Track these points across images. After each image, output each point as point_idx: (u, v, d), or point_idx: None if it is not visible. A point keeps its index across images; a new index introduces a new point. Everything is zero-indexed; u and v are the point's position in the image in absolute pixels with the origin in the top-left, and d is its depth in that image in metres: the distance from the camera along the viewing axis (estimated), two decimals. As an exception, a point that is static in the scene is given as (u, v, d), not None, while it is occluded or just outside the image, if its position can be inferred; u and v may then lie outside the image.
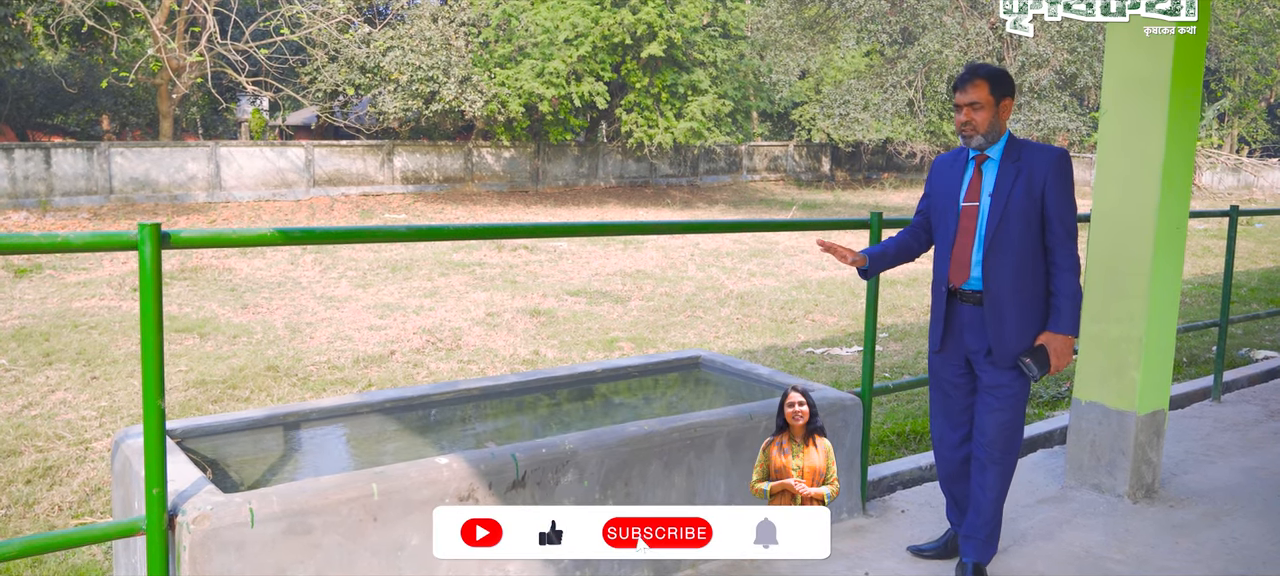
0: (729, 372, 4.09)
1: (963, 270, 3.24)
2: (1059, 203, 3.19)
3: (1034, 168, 3.18)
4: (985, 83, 3.17)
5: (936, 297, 3.36)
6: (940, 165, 3.42)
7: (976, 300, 3.23)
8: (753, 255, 15.42)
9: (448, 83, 23.39)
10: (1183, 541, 3.85)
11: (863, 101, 23.96)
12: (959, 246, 3.24)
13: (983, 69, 3.22)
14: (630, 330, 9.45)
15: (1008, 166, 3.20)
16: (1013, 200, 3.16)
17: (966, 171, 3.29)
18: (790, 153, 35.02)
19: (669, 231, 3.53)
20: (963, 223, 3.24)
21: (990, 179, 3.22)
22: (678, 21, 25.35)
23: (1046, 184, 3.18)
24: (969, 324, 3.26)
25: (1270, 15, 35.89)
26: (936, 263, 3.35)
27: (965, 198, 3.25)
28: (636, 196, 28.22)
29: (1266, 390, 6.46)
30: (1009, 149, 3.23)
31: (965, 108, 3.20)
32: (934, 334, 3.37)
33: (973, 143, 3.22)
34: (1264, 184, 44.13)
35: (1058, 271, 3.20)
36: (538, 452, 2.80)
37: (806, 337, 9.50)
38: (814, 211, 26.45)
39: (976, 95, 3.18)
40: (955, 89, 3.22)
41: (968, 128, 3.20)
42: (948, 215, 3.29)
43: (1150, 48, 3.95)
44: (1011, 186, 3.17)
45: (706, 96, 26.54)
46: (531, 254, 14.61)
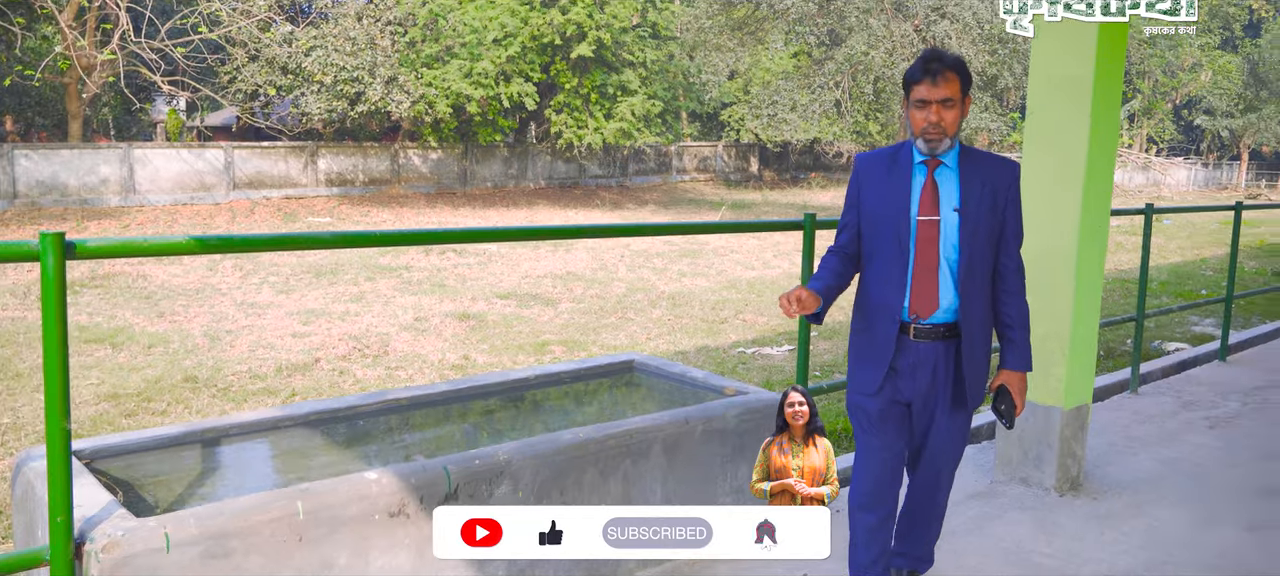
0: (663, 376, 4.06)
1: (928, 299, 2.72)
2: (1018, 220, 2.84)
3: (997, 180, 2.77)
4: (957, 76, 2.68)
5: (876, 330, 2.79)
6: (871, 169, 2.84)
7: (943, 335, 2.74)
8: (683, 255, 15.46)
9: (373, 83, 22.96)
10: (1108, 532, 3.94)
11: (790, 102, 24.25)
12: (921, 269, 2.72)
13: (953, 58, 2.70)
14: (561, 333, 9.37)
15: (971, 176, 2.75)
16: (981, 216, 2.73)
17: (915, 179, 2.75)
18: (719, 153, 35.27)
19: (604, 235, 3.48)
20: (921, 241, 2.71)
21: (952, 189, 2.73)
22: (607, 22, 25.32)
23: (1008, 199, 2.79)
24: (924, 363, 2.75)
25: (1175, 20, 37.31)
26: (873, 287, 2.80)
27: (920, 209, 2.72)
28: (566, 197, 28.09)
29: (1179, 381, 6.68)
30: (964, 155, 2.78)
31: (935, 105, 2.66)
32: (868, 374, 2.80)
33: (940, 147, 2.71)
34: (1171, 182, 45.96)
35: (1012, 298, 2.82)
36: (470, 464, 2.72)
37: (737, 338, 9.54)
38: (743, 211, 26.66)
39: (950, 90, 2.66)
40: (917, 81, 2.68)
41: (936, 130, 2.67)
42: (896, 231, 2.73)
43: (1075, 49, 4.03)
44: (980, 200, 2.73)
45: (636, 97, 26.55)
46: (460, 256, 14.41)
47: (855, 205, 2.86)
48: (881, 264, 2.76)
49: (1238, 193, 45.10)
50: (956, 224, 2.71)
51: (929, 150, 2.72)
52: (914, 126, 2.72)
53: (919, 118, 2.70)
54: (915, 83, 2.69)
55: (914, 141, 2.76)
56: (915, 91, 2.69)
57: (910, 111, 2.73)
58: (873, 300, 2.80)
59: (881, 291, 2.77)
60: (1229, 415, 5.80)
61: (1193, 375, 6.87)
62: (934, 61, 2.67)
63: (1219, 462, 4.91)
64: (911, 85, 2.71)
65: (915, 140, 2.74)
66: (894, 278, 2.73)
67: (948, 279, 2.73)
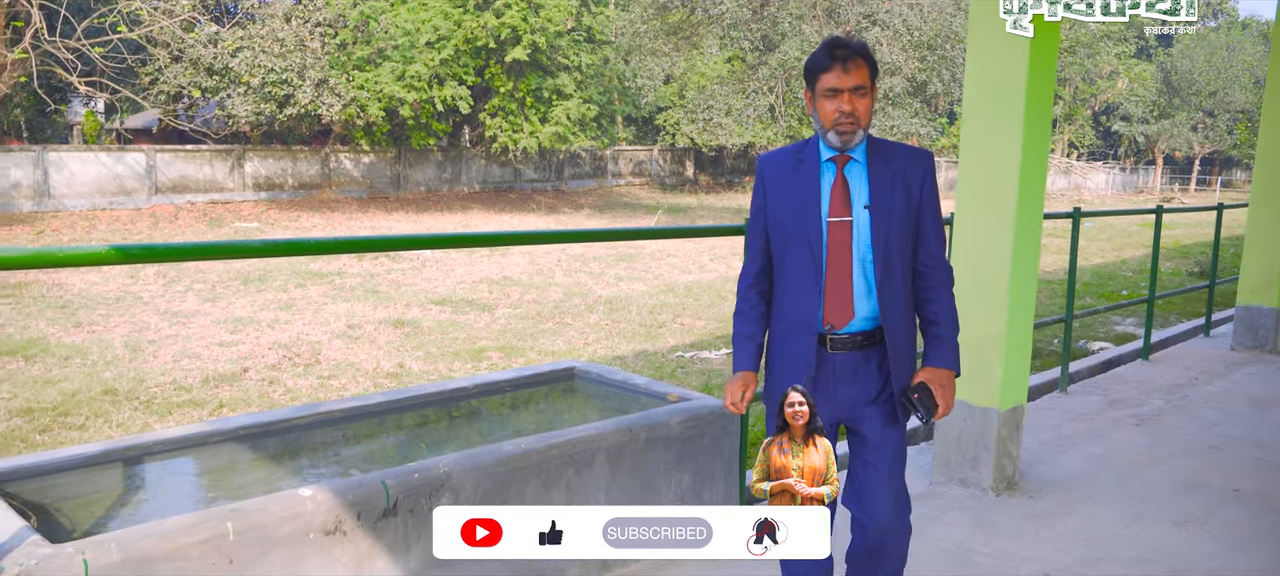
0: (605, 383, 4.01)
1: (843, 307, 2.50)
2: (935, 212, 2.61)
3: (909, 170, 2.55)
4: (866, 62, 2.47)
5: (793, 345, 2.55)
6: (776, 171, 2.61)
7: (862, 344, 2.53)
8: (620, 260, 15.42)
9: (303, 85, 22.48)
10: (1043, 530, 4.01)
11: (725, 106, 24.42)
12: (834, 275, 2.50)
13: (859, 43, 2.50)
14: (498, 339, 9.26)
15: (881, 169, 2.53)
16: (895, 211, 2.51)
17: (823, 176, 2.53)
18: (655, 157, 35.36)
19: (546, 241, 3.41)
20: (833, 244, 2.50)
21: (861, 185, 2.52)
22: (542, 25, 25.19)
23: (923, 190, 2.57)
24: (846, 374, 2.54)
25: (1095, 29, 38.69)
26: (786, 298, 2.57)
27: (830, 210, 2.51)
28: (501, 202, 27.87)
29: (1105, 380, 6.86)
30: (872, 148, 2.55)
31: (847, 94, 2.44)
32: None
33: (853, 141, 2.48)
34: (1091, 186, 47.51)
35: (937, 293, 2.60)
36: (409, 478, 2.63)
37: (676, 342, 9.53)
38: (679, 215, 26.75)
39: (860, 77, 2.44)
40: (825, 69, 2.45)
41: (849, 121, 2.44)
42: (806, 236, 2.51)
43: (1008, 57, 4.10)
44: (891, 194, 2.51)
45: (571, 101, 26.47)
46: (394, 261, 14.17)
47: (762, 211, 2.61)
48: (793, 272, 2.54)
49: (1153, 195, 46.81)
50: (868, 223, 2.50)
51: (841, 144, 2.47)
52: (823, 120, 2.48)
53: (829, 109, 2.45)
54: (822, 71, 2.45)
55: (823, 136, 2.51)
56: (823, 81, 2.45)
57: (818, 104, 2.49)
58: (786, 312, 2.58)
59: (794, 302, 2.54)
60: (1153, 412, 5.97)
61: (1118, 374, 7.06)
62: (840, 48, 2.45)
63: (1145, 459, 5.04)
64: (818, 75, 2.47)
65: (825, 134, 2.49)
66: (806, 286, 2.51)
67: (863, 284, 2.51)
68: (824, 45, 2.48)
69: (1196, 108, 49.46)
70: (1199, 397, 6.37)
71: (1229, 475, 4.81)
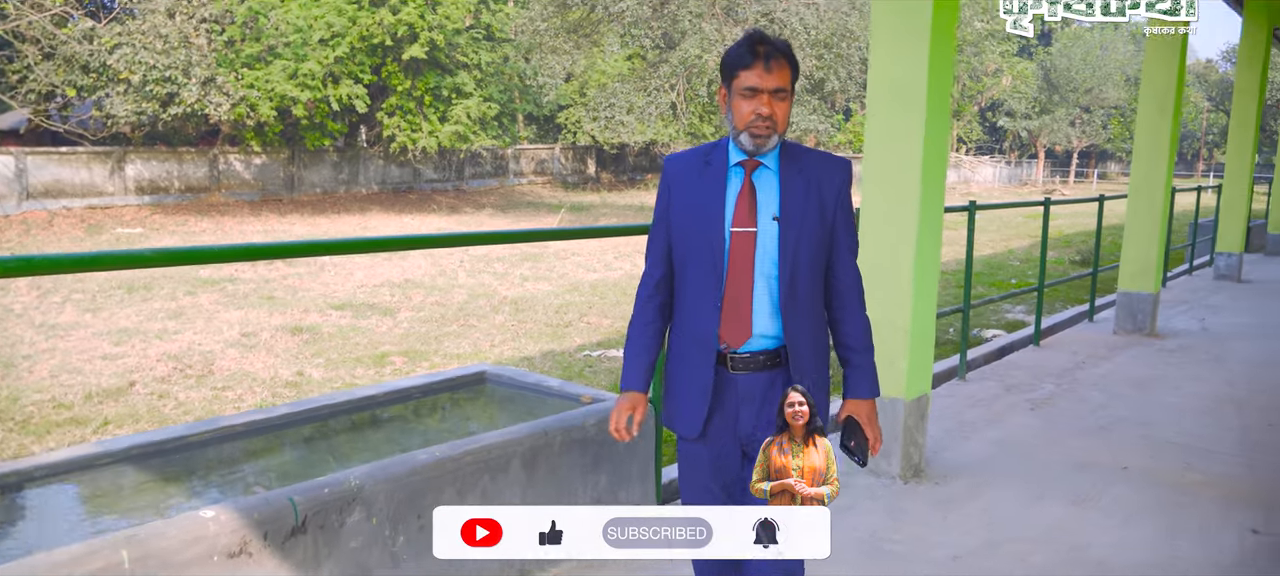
0: (517, 387, 3.95)
1: (741, 324, 2.31)
2: (851, 227, 2.42)
3: (825, 180, 2.35)
4: (790, 65, 2.28)
5: (691, 363, 2.36)
6: (682, 169, 2.41)
7: (766, 364, 2.34)
8: (524, 259, 15.29)
9: (188, 84, 21.53)
10: (951, 515, 4.12)
11: (627, 104, 24.46)
12: (734, 289, 2.30)
13: (785, 45, 2.31)
14: (401, 343, 9.06)
15: (793, 177, 2.32)
16: (807, 224, 2.31)
17: (729, 181, 2.33)
18: (557, 155, 35.18)
19: (459, 243, 3.32)
20: (736, 256, 2.30)
21: (771, 194, 2.31)
22: (440, 23, 24.76)
23: (839, 202, 2.37)
24: (748, 399, 2.34)
25: (980, 28, 40.25)
26: (686, 312, 2.38)
27: (734, 220, 2.31)
28: (401, 203, 27.29)
29: (1001, 366, 7.12)
30: (786, 154, 2.34)
31: (767, 95, 2.24)
32: (688, 413, 2.37)
33: (767, 144, 2.28)
34: (979, 179, 49.45)
35: (851, 316, 2.41)
36: (319, 493, 2.52)
37: (583, 341, 9.50)
38: (582, 213, 26.68)
39: (782, 79, 2.25)
40: (745, 66, 2.25)
41: (766, 125, 2.25)
42: (708, 245, 2.31)
43: (910, 56, 4.19)
44: (804, 205, 2.31)
45: (471, 99, 26.10)
46: (290, 266, 13.71)
47: (665, 216, 2.41)
48: (693, 284, 2.34)
49: (1036, 188, 48.96)
50: (776, 234, 2.29)
51: (754, 148, 2.27)
52: (737, 120, 2.27)
53: (746, 110, 2.24)
54: (742, 68, 2.24)
55: (735, 138, 2.30)
56: (742, 78, 2.24)
57: (733, 103, 2.28)
58: (685, 327, 2.38)
59: (693, 317, 2.34)
60: (1046, 396, 6.21)
61: (1012, 360, 7.33)
62: (763, 44, 2.25)
63: (1041, 441, 5.24)
64: (736, 71, 2.25)
65: (738, 136, 2.28)
66: (706, 300, 2.31)
67: (765, 300, 2.31)
68: (746, 40, 2.27)
69: (1074, 104, 51.94)
70: (1087, 380, 6.66)
71: (1117, 453, 5.04)
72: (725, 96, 2.33)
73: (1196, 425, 5.60)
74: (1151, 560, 3.72)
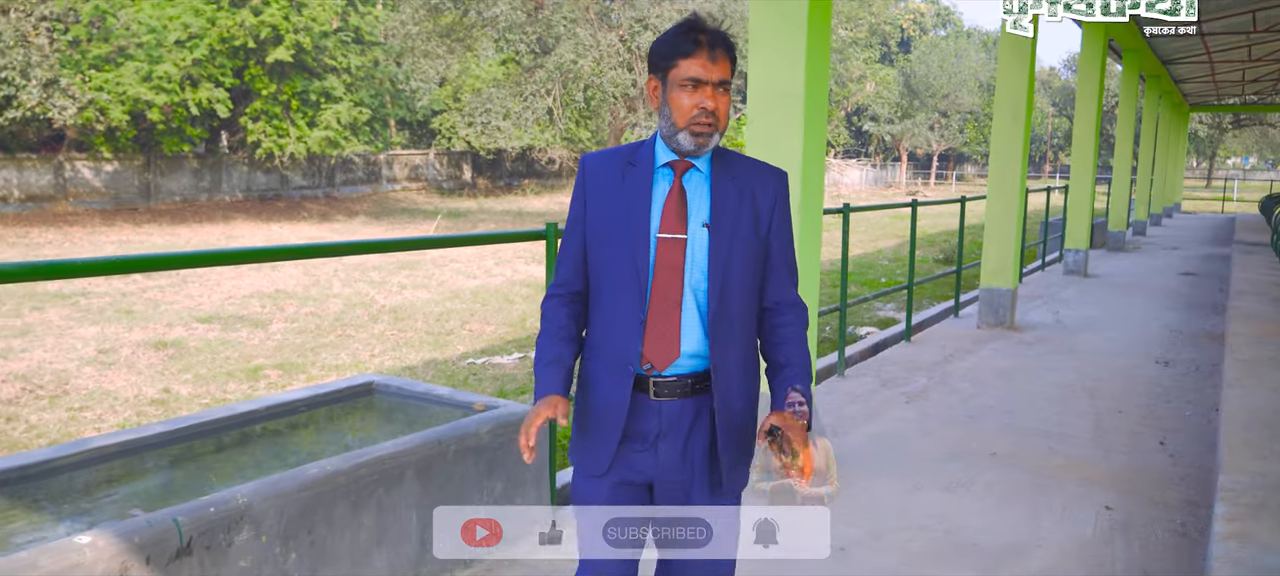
0: (406, 396, 3.87)
1: (668, 342, 2.05)
2: (788, 241, 2.18)
3: (759, 189, 2.12)
4: (730, 55, 2.04)
5: (605, 388, 2.07)
6: (601, 170, 2.14)
7: (694, 388, 2.07)
8: (401, 267, 14.98)
9: (28, 86, 20.18)
10: (835, 508, 4.25)
11: (503, 110, 24.25)
12: (660, 303, 2.05)
13: (725, 33, 2.07)
14: (275, 356, 8.74)
15: (726, 183, 2.10)
16: (739, 234, 2.09)
17: (656, 184, 2.09)
18: (431, 161, 34.59)
19: (344, 252, 3.23)
20: (662, 265, 2.05)
21: (702, 198, 2.09)
22: (306, 25, 23.98)
23: (775, 214, 2.14)
24: (672, 429, 2.06)
25: (845, 36, 41.75)
26: (601, 329, 2.10)
27: (662, 225, 2.07)
28: (268, 211, 26.28)
29: (876, 362, 7.40)
30: (719, 159, 2.12)
31: (711, 88, 2.00)
32: (593, 446, 2.08)
33: (708, 145, 2.04)
34: (847, 181, 51.26)
35: (788, 337, 2.13)
36: (205, 513, 2.41)
37: (466, 349, 9.38)
38: (459, 219, 26.30)
39: (726, 71, 2.02)
40: (687, 55, 2.00)
41: (709, 121, 2.00)
42: (631, 254, 2.05)
43: (788, 63, 4.33)
44: (736, 213, 2.09)
45: (341, 104, 25.39)
46: (149, 278, 13.01)
47: (580, 221, 2.14)
48: (612, 297, 2.07)
49: (901, 189, 51.10)
50: (706, 243, 2.06)
51: (696, 148, 2.02)
52: (676, 115, 2.01)
53: (687, 104, 1.99)
54: (682, 57, 1.99)
55: (669, 138, 2.05)
56: (683, 68, 1.99)
57: (671, 96, 2.02)
58: (600, 346, 2.09)
59: (611, 335, 2.07)
60: (919, 390, 6.50)
61: (887, 355, 7.64)
62: (705, 32, 2.01)
63: (916, 433, 5.48)
64: (674, 61, 2.00)
65: (675, 135, 2.03)
66: (627, 315, 2.05)
67: (694, 315, 2.05)
68: (684, 27, 2.03)
69: (933, 109, 54.46)
70: (955, 373, 7.01)
71: (985, 441, 5.32)
72: (657, 89, 2.06)
73: (1055, 412, 5.97)
74: (1019, 539, 3.94)
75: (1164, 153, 25.33)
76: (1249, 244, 14.15)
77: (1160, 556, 3.80)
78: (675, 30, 2.05)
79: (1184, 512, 4.28)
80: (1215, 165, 68.26)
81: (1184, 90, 26.22)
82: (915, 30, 65.46)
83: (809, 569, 3.64)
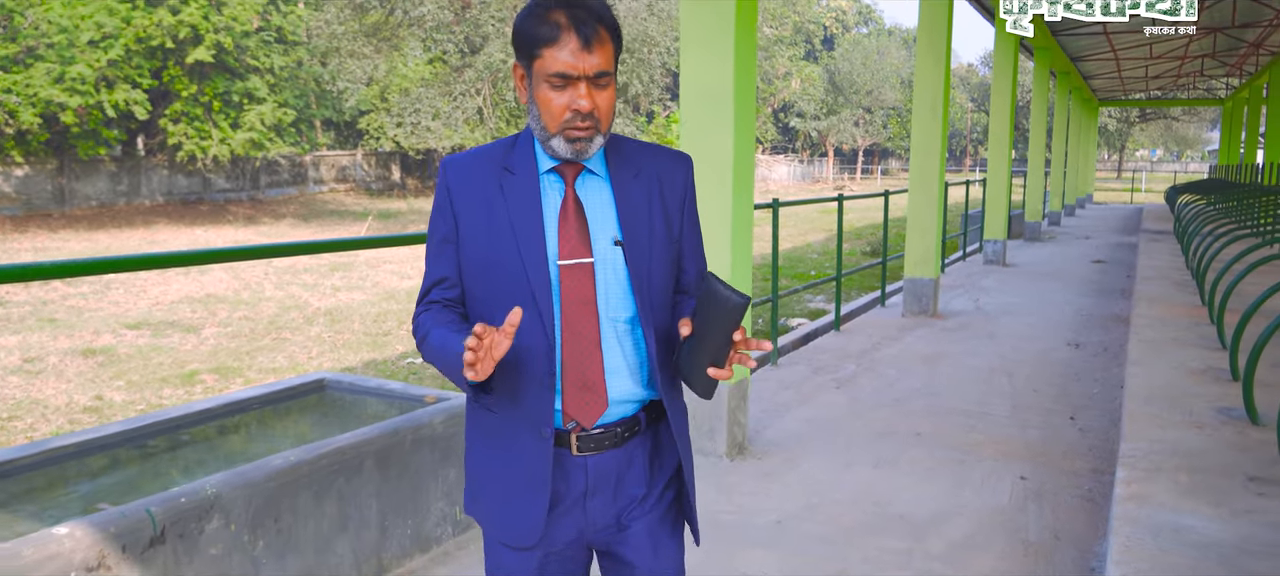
0: (358, 392, 3.97)
1: (592, 392, 1.68)
2: (699, 237, 1.88)
3: (666, 181, 1.78)
4: (612, 35, 1.64)
5: (517, 451, 1.68)
6: (470, 179, 1.71)
7: (625, 435, 1.73)
8: (334, 269, 14.86)
9: (-68, 88, 19.40)
10: (773, 486, 4.49)
11: (432, 110, 24.10)
12: (574, 346, 1.66)
13: (603, 8, 1.64)
14: (210, 361, 8.67)
15: (628, 183, 1.73)
16: (656, 243, 1.74)
17: (544, 196, 1.69)
18: (359, 161, 34.15)
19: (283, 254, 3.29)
20: (571, 302, 1.66)
21: (605, 209, 1.71)
22: (227, 24, 23.50)
23: (685, 207, 1.82)
24: (603, 485, 1.73)
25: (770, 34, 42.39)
26: (498, 378, 1.65)
27: (562, 249, 1.66)
28: (191, 214, 25.68)
29: (808, 351, 7.68)
30: (613, 151, 1.74)
31: (586, 84, 1.60)
32: (519, 516, 1.71)
33: (590, 149, 1.65)
34: (775, 177, 52.00)
35: None
36: (176, 503, 2.50)
37: (405, 349, 9.42)
38: (390, 220, 26.05)
39: (605, 59, 1.62)
40: (549, 42, 1.58)
41: (587, 126, 1.62)
42: (528, 288, 1.64)
43: (717, 63, 4.53)
44: (648, 219, 1.74)
45: (266, 105, 24.95)
46: (70, 285, 12.69)
47: (451, 243, 1.72)
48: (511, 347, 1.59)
49: (828, 184, 52.08)
50: (622, 264, 1.69)
51: (573, 155, 1.64)
52: (546, 117, 1.63)
53: (557, 104, 1.61)
54: (546, 44, 1.59)
55: (544, 141, 1.66)
56: (548, 61, 1.59)
57: (537, 93, 1.63)
58: (504, 404, 1.68)
59: (514, 388, 1.66)
60: (849, 376, 6.79)
61: (818, 344, 7.93)
62: (577, 9, 1.59)
63: (847, 415, 5.75)
64: (537, 49, 1.60)
65: (549, 140, 1.65)
66: (532, 366, 1.65)
67: (618, 355, 1.70)
68: (550, 3, 1.61)
69: (857, 105, 55.64)
70: (883, 359, 7.32)
71: (911, 421, 5.61)
72: (524, 78, 1.68)
73: (975, 393, 6.31)
74: (943, 509, 4.22)
75: (1075, 146, 26.39)
76: (1155, 232, 14.91)
77: (1070, 520, 4.11)
78: (534, 6, 1.62)
79: (1091, 480, 4.61)
80: (1125, 157, 71.03)
81: (1093, 86, 27.35)
82: (838, 28, 66.75)
83: (749, 538, 3.86)
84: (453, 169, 1.74)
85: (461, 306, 1.74)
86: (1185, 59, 21.43)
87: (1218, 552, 2.81)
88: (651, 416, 1.79)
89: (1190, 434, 3.98)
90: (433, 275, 1.75)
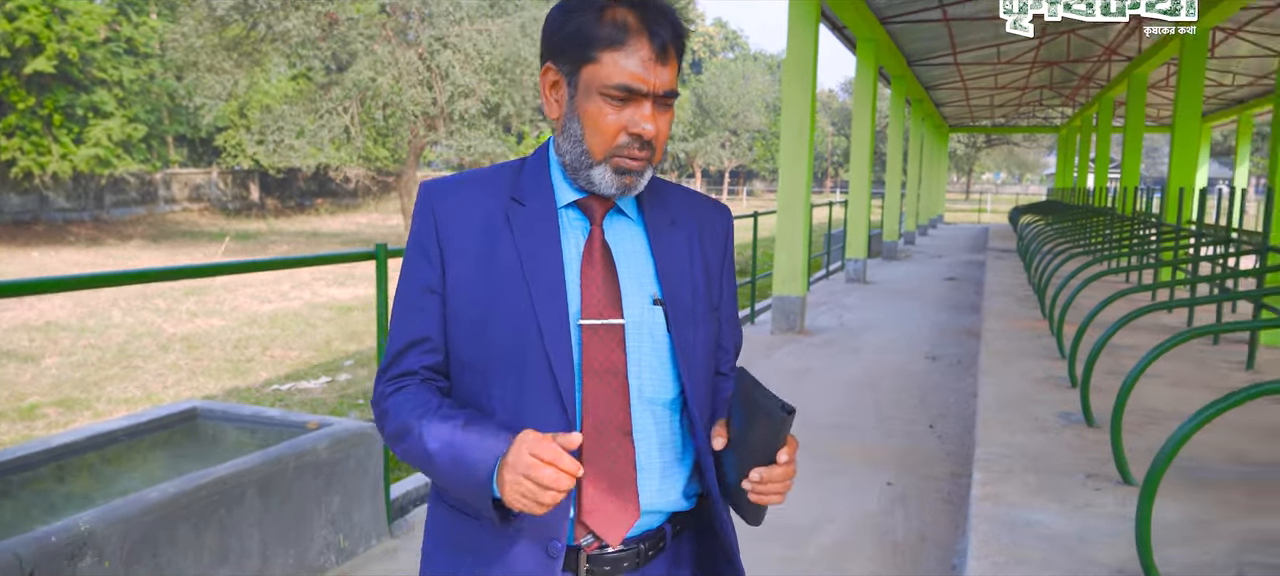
0: (234, 420, 3.86)
1: (620, 497, 1.30)
2: (734, 299, 1.53)
3: (706, 231, 1.45)
4: (681, 51, 1.32)
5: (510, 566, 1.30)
6: (466, 212, 1.33)
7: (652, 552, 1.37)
8: (189, 293, 14.23)
9: None
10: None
11: (297, 127, 23.37)
12: (598, 435, 1.29)
13: (674, 14, 1.30)
14: (54, 392, 8.19)
15: (665, 229, 1.40)
16: (699, 306, 1.39)
17: (567, 239, 1.34)
18: (215, 180, 32.72)
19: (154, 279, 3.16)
20: (593, 373, 1.29)
21: (640, 259, 1.37)
22: (71, 33, 22.20)
23: (725, 262, 1.49)
24: None
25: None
26: None
27: (585, 307, 1.30)
28: (25, 235, 24.02)
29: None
30: (647, 189, 1.41)
31: (652, 102, 1.27)
32: None
33: (641, 183, 1.32)
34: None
35: None
36: (47, 542, 2.39)
37: (269, 375, 9.13)
38: (249, 242, 25.06)
39: (674, 76, 1.30)
40: (617, 45, 1.25)
41: (644, 156, 1.29)
42: (541, 351, 1.28)
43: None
44: (691, 274, 1.40)
45: (113, 120, 23.65)
46: (-111, 314, 11.72)
47: (434, 294, 1.33)
48: (512, 426, 1.26)
49: (694, 206, 52.97)
50: (663, 328, 1.35)
51: (619, 190, 1.31)
52: (594, 142, 1.29)
53: (612, 123, 1.27)
54: (611, 48, 1.25)
55: (578, 169, 1.32)
56: (609, 67, 1.26)
57: (584, 107, 1.29)
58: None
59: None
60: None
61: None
62: (653, 10, 1.27)
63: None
64: (596, 52, 1.26)
65: (590, 168, 1.30)
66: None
67: (654, 443, 1.35)
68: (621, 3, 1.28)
69: (723, 127, 57.01)
70: (754, 375, 7.56)
71: (784, 434, 5.83)
72: (558, 87, 1.33)
73: (843, 405, 6.61)
74: (816, 515, 4.42)
75: (929, 169, 27.88)
76: (1000, 250, 15.91)
77: (933, 520, 4.38)
78: (589, 7, 1.28)
79: (950, 483, 4.92)
80: (972, 180, 75.26)
81: (944, 112, 29.00)
82: (705, 52, 68.39)
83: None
84: (440, 195, 1.34)
85: (444, 379, 1.36)
86: (1026, 88, 23.03)
87: (1063, 543, 3.08)
88: (677, 529, 1.41)
89: (1036, 437, 4.31)
90: (407, 334, 1.34)
